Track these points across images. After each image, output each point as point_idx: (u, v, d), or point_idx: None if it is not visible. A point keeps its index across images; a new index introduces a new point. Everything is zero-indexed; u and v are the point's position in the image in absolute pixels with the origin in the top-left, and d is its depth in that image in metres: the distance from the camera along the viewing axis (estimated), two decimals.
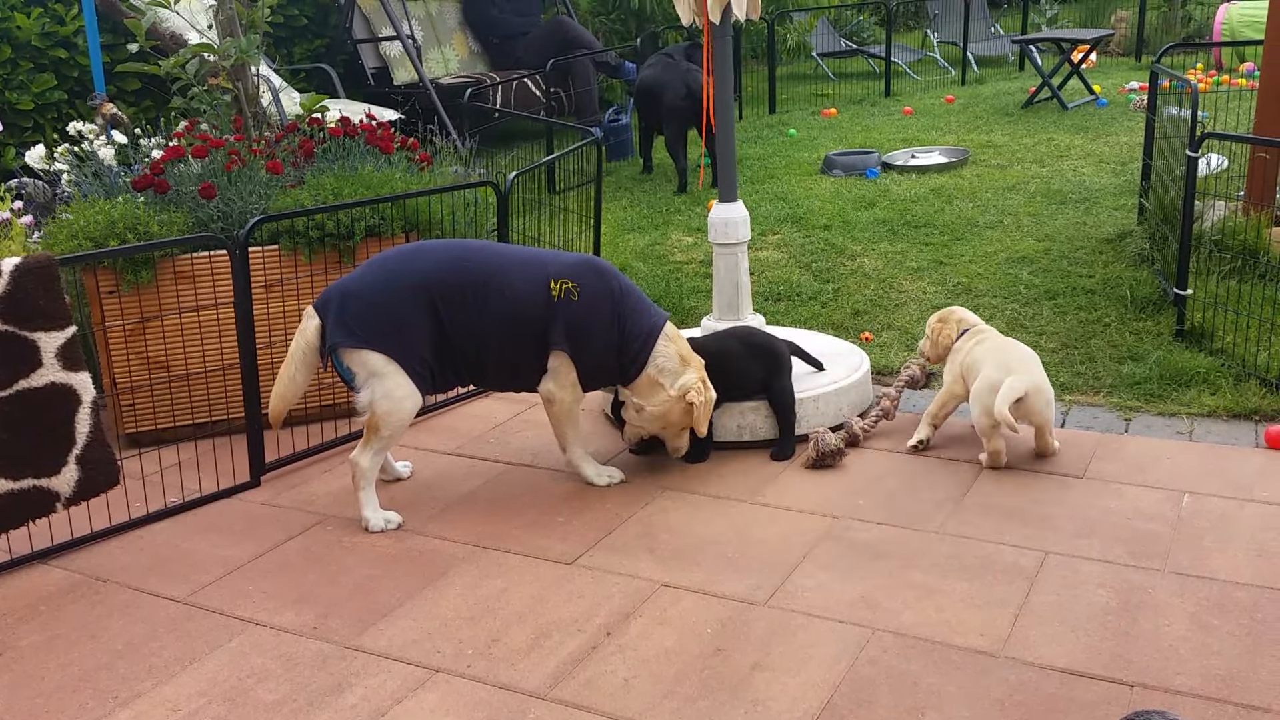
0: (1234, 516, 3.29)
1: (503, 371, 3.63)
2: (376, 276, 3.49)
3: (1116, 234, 5.87)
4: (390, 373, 3.45)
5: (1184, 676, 2.59)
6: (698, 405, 3.60)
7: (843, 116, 10.06)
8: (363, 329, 3.43)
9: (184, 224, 4.20)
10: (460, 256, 3.55)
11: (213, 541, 3.51)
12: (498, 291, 3.49)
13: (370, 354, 3.43)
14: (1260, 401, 3.99)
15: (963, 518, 3.38)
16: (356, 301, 3.45)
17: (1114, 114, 9.15)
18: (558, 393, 3.60)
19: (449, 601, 3.08)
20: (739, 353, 3.94)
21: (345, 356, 3.46)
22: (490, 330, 3.50)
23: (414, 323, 3.45)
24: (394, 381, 3.46)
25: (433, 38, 9.81)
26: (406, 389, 3.47)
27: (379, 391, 3.45)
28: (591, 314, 3.53)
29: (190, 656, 2.90)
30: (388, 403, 3.46)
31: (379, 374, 3.45)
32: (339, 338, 3.44)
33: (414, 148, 4.91)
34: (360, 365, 3.45)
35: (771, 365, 3.96)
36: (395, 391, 3.46)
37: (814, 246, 6.20)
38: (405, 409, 3.49)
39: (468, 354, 3.54)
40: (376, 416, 3.47)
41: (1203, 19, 12.66)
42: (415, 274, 3.48)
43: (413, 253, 3.57)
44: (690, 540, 3.35)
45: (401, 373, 3.46)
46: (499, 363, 3.58)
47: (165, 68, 4.79)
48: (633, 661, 2.77)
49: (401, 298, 3.45)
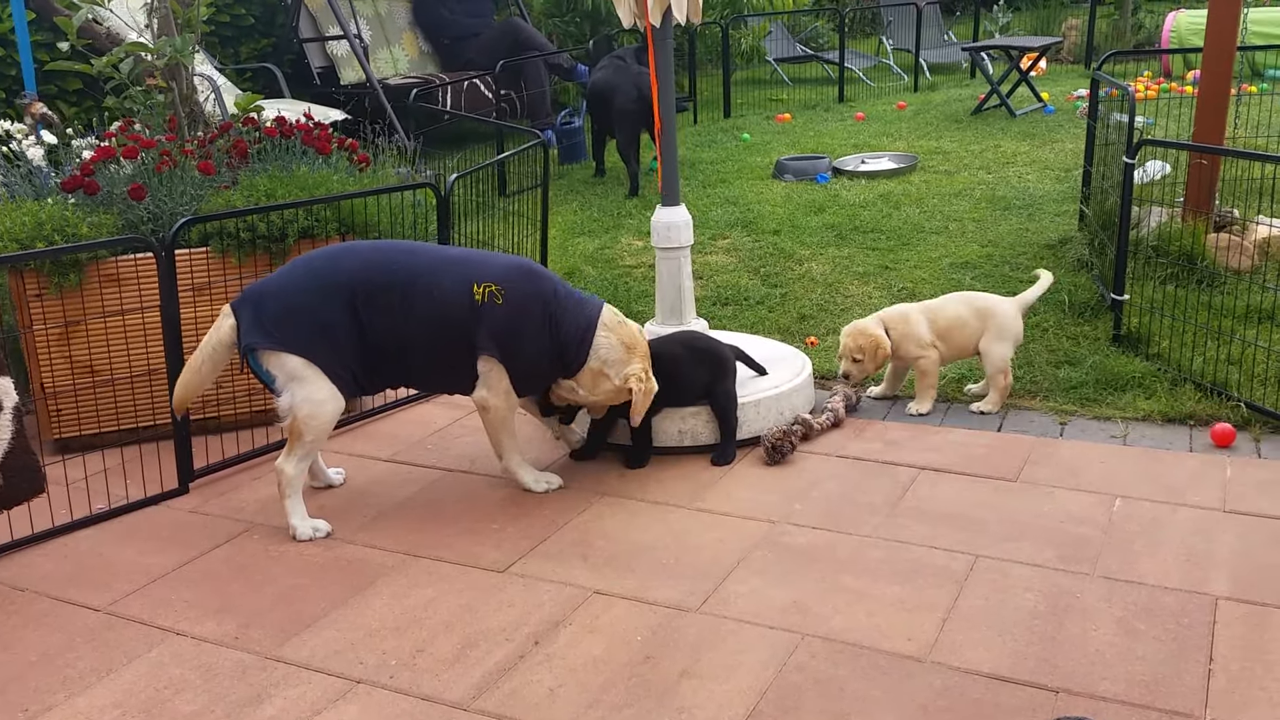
0: (1165, 521, 3.31)
1: (432, 375, 3.58)
2: (297, 277, 3.42)
3: (1058, 239, 5.91)
4: (310, 376, 3.37)
5: (1109, 682, 2.59)
6: (636, 392, 3.56)
7: (796, 121, 10.09)
8: (280, 331, 3.34)
9: (114, 226, 4.12)
10: (387, 258, 3.48)
11: (137, 549, 3.44)
12: (424, 293, 3.43)
13: (289, 357, 3.36)
14: (1195, 406, 4.02)
15: (897, 522, 3.37)
16: (275, 302, 3.36)
17: (1061, 121, 9.23)
18: (490, 399, 3.55)
19: (375, 611, 3.02)
20: (684, 357, 3.91)
21: (263, 359, 3.38)
22: (415, 333, 3.44)
23: (335, 325, 3.38)
24: (314, 385, 3.38)
25: (382, 38, 9.72)
26: (327, 392, 3.40)
27: (299, 395, 3.37)
28: (520, 317, 3.47)
29: (107, 667, 2.83)
30: (308, 406, 3.38)
31: (298, 378, 3.37)
32: (255, 339, 3.35)
33: (353, 148, 4.85)
34: (279, 368, 3.37)
35: (716, 370, 3.94)
36: (315, 395, 3.38)
37: (763, 251, 6.19)
38: (327, 413, 3.41)
39: (393, 357, 3.48)
40: (298, 421, 3.39)
41: (1153, 27, 12.83)
42: (337, 275, 3.41)
43: (337, 253, 3.51)
44: (626, 547, 3.32)
45: (322, 376, 3.38)
46: (427, 366, 3.52)
47: (98, 67, 4.69)
48: (559, 671, 2.73)
49: (322, 299, 3.37)
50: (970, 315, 4.17)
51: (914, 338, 4.15)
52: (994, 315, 4.17)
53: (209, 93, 6.07)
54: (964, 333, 4.17)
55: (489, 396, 3.55)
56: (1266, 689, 2.54)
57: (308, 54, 9.10)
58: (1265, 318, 4.59)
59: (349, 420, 4.30)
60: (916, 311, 4.21)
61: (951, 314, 4.18)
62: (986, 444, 3.88)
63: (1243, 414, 3.93)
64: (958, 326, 4.16)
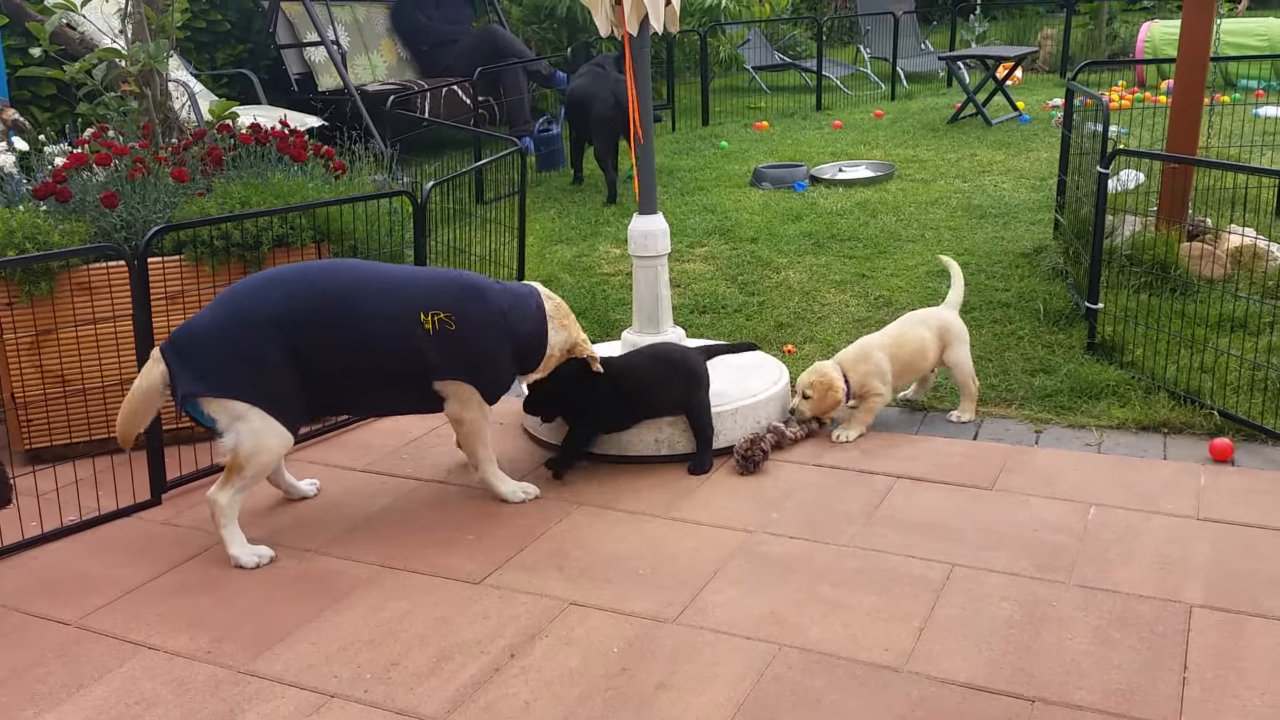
0: (1140, 529, 3.32)
1: (387, 402, 3.53)
2: (224, 317, 3.28)
3: (1033, 248, 5.95)
4: (254, 416, 3.26)
5: (1084, 691, 2.60)
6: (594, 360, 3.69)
7: (774, 129, 10.12)
8: (216, 376, 3.22)
9: (86, 234, 4.08)
10: (316, 288, 3.34)
11: (109, 562, 3.40)
12: (361, 328, 3.33)
13: (230, 401, 3.25)
14: (1169, 414, 4.05)
15: (874, 531, 3.38)
16: (206, 347, 3.24)
17: (1036, 130, 9.30)
18: (464, 413, 3.53)
19: (349, 624, 3.00)
20: (659, 374, 3.89)
21: (204, 405, 3.26)
22: (360, 362, 3.35)
23: (271, 363, 3.26)
24: (259, 424, 3.26)
25: (360, 44, 9.69)
26: (273, 431, 3.29)
27: (244, 433, 3.26)
28: (480, 341, 3.46)
29: (78, 683, 2.79)
30: (253, 443, 3.27)
31: (242, 417, 3.26)
32: (192, 388, 3.22)
33: (329, 155, 4.82)
34: (221, 411, 3.26)
35: (690, 381, 3.92)
36: (262, 436, 3.27)
37: (741, 259, 6.20)
38: (273, 451, 3.32)
39: (342, 387, 3.39)
40: (239, 457, 3.28)
41: (1128, 37, 12.93)
42: (265, 311, 3.27)
43: (263, 285, 3.36)
44: (602, 557, 3.31)
45: (266, 415, 3.27)
46: (380, 394, 3.46)
47: (70, 73, 4.65)
48: (535, 683, 2.71)
49: (253, 339, 3.24)
50: (931, 336, 4.15)
51: (878, 374, 4.07)
52: (949, 327, 4.18)
53: (184, 99, 6.03)
54: (927, 356, 4.14)
55: (462, 410, 3.53)
56: (1240, 697, 2.55)
57: (285, 60, 9.05)
58: (1238, 326, 4.63)
59: (323, 430, 4.27)
60: (878, 349, 4.10)
61: (915, 343, 4.13)
62: (962, 452, 3.89)
63: (1216, 422, 3.95)
64: (921, 353, 4.13)
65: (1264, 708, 2.51)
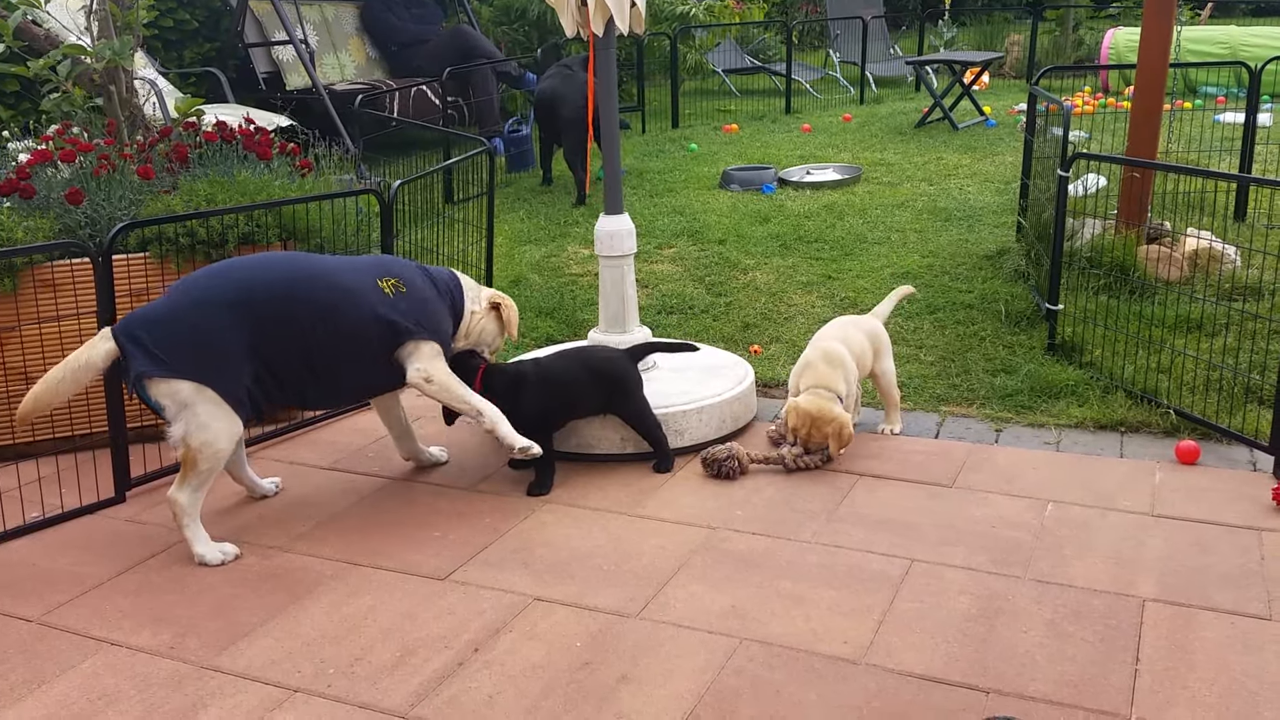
0: (1095, 525, 3.38)
1: (346, 381, 3.49)
2: (183, 301, 3.27)
3: (996, 250, 6.02)
4: (203, 402, 3.23)
5: (1038, 683, 2.65)
6: (506, 306, 3.78)
7: (744, 132, 10.18)
8: (171, 356, 3.19)
9: (50, 230, 4.06)
10: (275, 270, 3.38)
11: (72, 559, 3.39)
12: (326, 298, 3.36)
13: (181, 383, 3.21)
14: (1126, 413, 4.12)
15: (835, 527, 3.42)
16: (163, 329, 3.21)
17: (1002, 134, 9.41)
18: (430, 369, 3.51)
19: (313, 620, 3.01)
20: (579, 377, 3.81)
21: (153, 387, 3.21)
22: (323, 340, 3.36)
23: (228, 346, 3.25)
24: (208, 412, 3.23)
25: (328, 43, 9.67)
26: (222, 419, 3.26)
27: (193, 424, 3.23)
28: (430, 298, 3.56)
29: (39, 679, 2.78)
30: (203, 434, 3.24)
31: (190, 404, 3.22)
32: (145, 367, 3.18)
33: (295, 153, 4.82)
34: (170, 396, 3.21)
35: (612, 387, 3.82)
36: (212, 423, 3.24)
37: (708, 260, 6.24)
38: (223, 440, 3.28)
39: (297, 372, 3.37)
40: (191, 450, 3.25)
41: (1093, 43, 13.10)
42: (225, 293, 3.27)
43: (221, 270, 3.38)
44: (567, 553, 3.33)
45: (217, 401, 3.24)
46: (339, 371, 3.43)
47: (34, 69, 4.62)
48: (499, 677, 2.73)
49: (213, 321, 3.24)
50: (869, 343, 4.04)
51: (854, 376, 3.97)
52: (878, 335, 4.10)
53: (150, 96, 6.00)
54: (866, 361, 4.03)
55: (427, 368, 3.51)
56: (1189, 687, 2.61)
57: (253, 59, 9.01)
58: (1194, 327, 4.72)
59: (290, 428, 4.27)
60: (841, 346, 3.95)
61: (858, 345, 3.99)
62: (924, 450, 3.95)
63: (1172, 420, 4.03)
64: (863, 356, 4.00)
65: (1212, 697, 2.57)
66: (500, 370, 3.78)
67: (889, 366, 4.12)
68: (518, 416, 3.65)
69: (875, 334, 4.11)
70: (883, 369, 4.10)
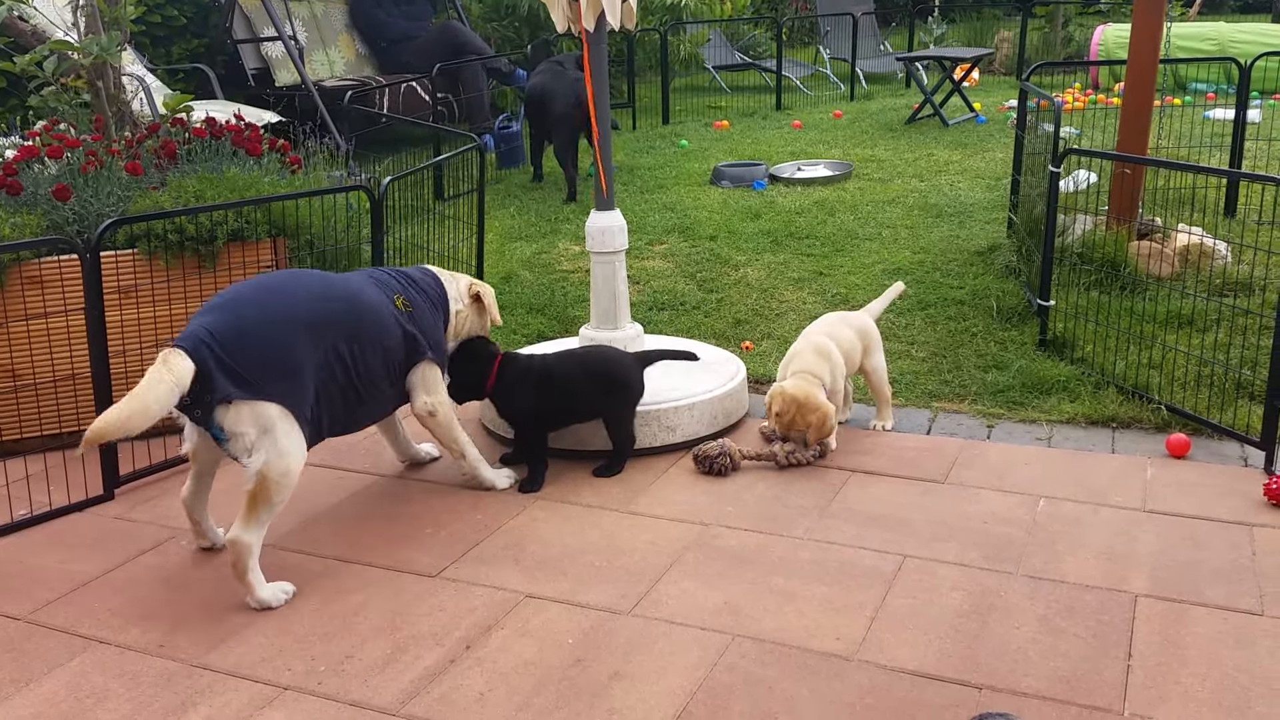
0: (1087, 521, 3.39)
1: (379, 404, 3.40)
2: (253, 315, 3.02)
3: (987, 247, 6.03)
4: (285, 427, 2.99)
5: (1031, 678, 2.64)
6: (485, 292, 3.68)
7: (734, 129, 10.16)
8: (257, 377, 2.94)
9: (37, 227, 4.04)
10: (325, 284, 3.26)
11: (60, 557, 3.36)
12: (369, 315, 3.28)
13: (266, 406, 2.96)
14: (1117, 409, 4.12)
15: (827, 524, 3.41)
16: (246, 346, 2.96)
17: (992, 131, 9.41)
18: (435, 403, 3.50)
19: (304, 617, 2.99)
20: (587, 382, 3.78)
21: (229, 412, 2.94)
22: (369, 358, 3.26)
23: (305, 363, 3.06)
24: (287, 436, 2.99)
25: (318, 39, 9.63)
26: (299, 445, 3.04)
27: (273, 452, 2.95)
28: (430, 313, 3.51)
29: (27, 677, 2.76)
30: (284, 462, 2.97)
31: (272, 430, 2.96)
32: (230, 390, 2.91)
33: (284, 150, 4.80)
34: (251, 422, 2.95)
35: (608, 389, 3.78)
36: (291, 449, 3.00)
37: (700, 256, 6.23)
38: (299, 468, 3.04)
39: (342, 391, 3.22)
40: (270, 482, 2.96)
41: (1083, 40, 13.12)
42: (296, 308, 3.09)
43: (284, 285, 3.18)
44: (559, 550, 3.32)
45: (295, 425, 3.02)
46: (372, 392, 3.32)
47: (20, 65, 4.59)
48: (490, 674, 2.72)
49: (289, 336, 3.03)
50: (858, 339, 4.03)
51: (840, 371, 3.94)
52: (869, 331, 4.10)
53: (138, 92, 5.96)
54: (855, 358, 4.02)
55: (432, 400, 3.49)
56: (1182, 683, 2.61)
57: (242, 55, 8.97)
58: (1185, 323, 4.72)
59: None
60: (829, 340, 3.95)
61: (847, 342, 3.98)
62: (916, 446, 3.94)
63: (1163, 416, 4.03)
64: (852, 352, 4.00)
65: (1204, 693, 2.57)
66: (514, 360, 3.80)
67: (879, 363, 4.11)
68: (519, 409, 3.70)
69: (865, 330, 4.09)
70: (873, 365, 4.09)
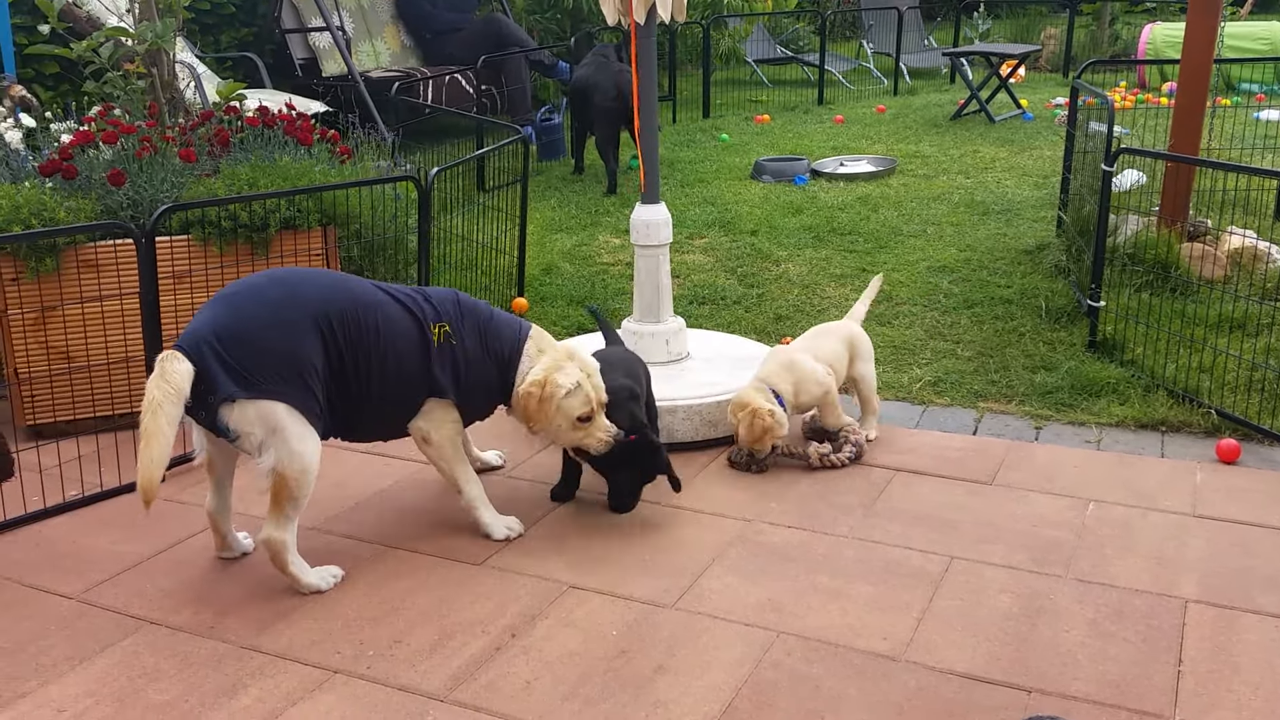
0: (1136, 525, 3.35)
1: (383, 416, 3.24)
2: (256, 312, 2.95)
3: (1035, 245, 5.97)
4: (293, 425, 2.93)
5: (1080, 682, 2.62)
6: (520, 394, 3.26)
7: (775, 123, 10.13)
8: (261, 375, 2.88)
9: (92, 211, 4.09)
10: (341, 282, 3.15)
11: (111, 538, 3.41)
12: (386, 325, 3.12)
13: (272, 405, 2.90)
14: (1167, 413, 4.07)
15: (872, 522, 3.40)
16: (245, 343, 2.89)
17: (1039, 128, 9.32)
18: (433, 432, 3.26)
19: (352, 601, 3.02)
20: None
21: (233, 411, 2.89)
22: (379, 369, 3.11)
23: (311, 361, 2.97)
24: (298, 434, 2.93)
25: (364, 30, 9.69)
26: (312, 440, 2.97)
27: (284, 450, 2.91)
28: (467, 352, 3.25)
29: (80, 655, 2.81)
30: (297, 462, 2.93)
31: (281, 429, 2.91)
32: (233, 390, 2.86)
33: (334, 140, 4.83)
34: (258, 421, 2.90)
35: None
36: (303, 447, 2.94)
37: (740, 251, 6.22)
38: (315, 464, 2.97)
39: (349, 396, 3.10)
40: (288, 481, 2.93)
41: (1130, 38, 12.96)
42: (303, 305, 3.00)
43: (292, 280, 3.09)
44: (601, 542, 3.33)
45: (304, 421, 2.95)
46: (382, 405, 3.18)
47: (78, 51, 4.65)
48: (536, 663, 2.74)
49: (293, 334, 2.95)
50: (843, 347, 3.96)
51: (810, 379, 3.83)
52: (856, 340, 4.02)
53: (189, 80, 6.03)
54: (841, 368, 3.96)
55: (429, 428, 3.26)
56: (1234, 691, 2.58)
57: (290, 45, 9.05)
58: (1236, 327, 4.66)
59: None
60: (800, 353, 3.90)
61: (830, 353, 3.92)
62: (961, 447, 3.92)
63: (1213, 421, 3.98)
64: (838, 362, 3.93)
65: (1258, 702, 2.54)
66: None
67: (867, 371, 4.01)
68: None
69: (851, 338, 4.01)
70: (860, 373, 4.00)
